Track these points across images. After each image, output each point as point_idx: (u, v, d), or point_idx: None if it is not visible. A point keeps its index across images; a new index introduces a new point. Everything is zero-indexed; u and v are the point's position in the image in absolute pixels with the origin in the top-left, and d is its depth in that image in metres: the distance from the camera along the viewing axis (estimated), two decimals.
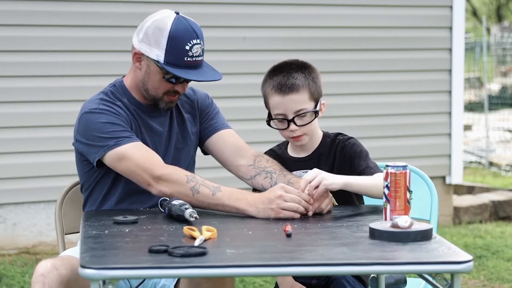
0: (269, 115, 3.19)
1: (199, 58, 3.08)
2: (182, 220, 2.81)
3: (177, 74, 3.05)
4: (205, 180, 3.01)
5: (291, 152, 3.27)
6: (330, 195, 3.01)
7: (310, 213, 2.92)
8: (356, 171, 3.11)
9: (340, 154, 3.19)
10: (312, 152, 3.22)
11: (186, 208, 2.81)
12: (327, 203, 2.97)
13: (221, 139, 3.30)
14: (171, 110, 3.24)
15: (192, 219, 2.78)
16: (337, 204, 3.13)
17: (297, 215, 2.88)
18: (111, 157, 3.04)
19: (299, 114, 3.11)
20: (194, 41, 3.05)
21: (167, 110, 3.20)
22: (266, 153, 3.30)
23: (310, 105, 3.12)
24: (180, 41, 3.03)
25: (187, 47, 3.04)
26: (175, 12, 3.12)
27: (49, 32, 5.89)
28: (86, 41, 5.97)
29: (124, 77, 3.24)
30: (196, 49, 3.06)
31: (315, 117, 3.15)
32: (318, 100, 3.16)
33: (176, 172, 3.01)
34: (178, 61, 3.04)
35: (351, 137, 3.22)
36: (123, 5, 6.06)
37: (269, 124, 3.19)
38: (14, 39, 5.82)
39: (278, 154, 3.28)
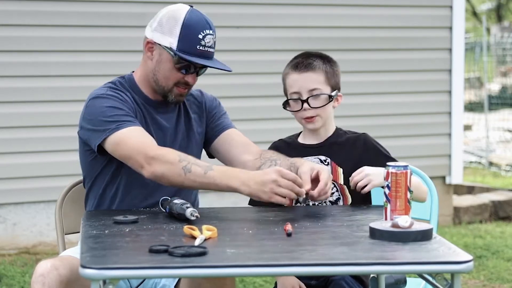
0: (286, 100, 3.25)
1: (211, 50, 3.12)
2: (183, 219, 2.81)
3: (188, 59, 3.08)
4: (198, 160, 2.98)
5: (302, 140, 3.29)
6: (329, 183, 2.98)
7: (301, 199, 2.95)
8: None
9: (355, 145, 3.22)
10: (324, 140, 3.25)
11: (187, 207, 2.81)
12: (321, 188, 2.94)
13: (229, 137, 3.31)
14: (179, 107, 3.26)
15: (193, 218, 2.79)
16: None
17: (288, 202, 2.87)
18: (110, 142, 3.04)
19: (313, 94, 3.16)
20: (207, 31, 3.10)
21: (176, 103, 3.21)
22: (275, 142, 3.32)
23: (325, 88, 3.20)
24: (193, 29, 3.08)
25: (200, 36, 3.08)
26: (190, 5, 3.17)
27: (49, 32, 5.89)
28: (86, 41, 5.97)
29: (133, 72, 3.27)
30: (209, 39, 3.11)
31: (329, 101, 3.19)
32: (335, 88, 3.23)
33: (169, 152, 2.99)
34: (191, 49, 3.08)
35: (364, 133, 3.28)
36: (123, 5, 6.06)
37: (284, 108, 3.26)
38: (14, 39, 5.82)
39: (288, 143, 3.31)
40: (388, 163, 2.71)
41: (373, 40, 6.74)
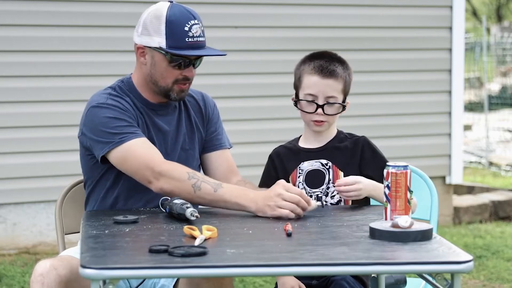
0: (296, 95, 3.23)
1: (201, 39, 3.11)
2: (183, 219, 2.81)
3: (181, 53, 3.07)
4: (206, 177, 3.03)
5: (303, 144, 3.29)
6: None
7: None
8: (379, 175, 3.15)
9: (354, 148, 3.23)
10: (325, 144, 3.26)
11: (187, 207, 2.81)
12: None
13: (221, 156, 3.34)
14: (179, 109, 3.25)
15: (193, 218, 2.79)
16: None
17: (292, 215, 2.86)
18: (116, 156, 3.05)
19: (329, 101, 3.17)
20: (192, 22, 3.08)
21: (179, 100, 3.19)
22: (276, 148, 3.32)
23: (340, 97, 3.21)
24: (178, 23, 3.07)
25: (186, 28, 3.07)
26: (169, 1, 3.15)
27: (49, 32, 5.89)
28: (86, 41, 5.97)
29: (132, 74, 3.26)
30: (196, 29, 3.08)
31: (342, 111, 3.23)
32: (346, 96, 3.25)
33: (177, 169, 3.00)
34: (180, 43, 3.07)
35: (363, 136, 3.29)
36: (123, 5, 6.06)
37: (295, 105, 3.24)
38: (14, 39, 5.82)
39: (289, 148, 3.30)
40: (388, 163, 2.72)
41: (373, 40, 6.74)
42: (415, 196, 2.94)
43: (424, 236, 2.55)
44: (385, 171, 2.70)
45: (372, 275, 3.06)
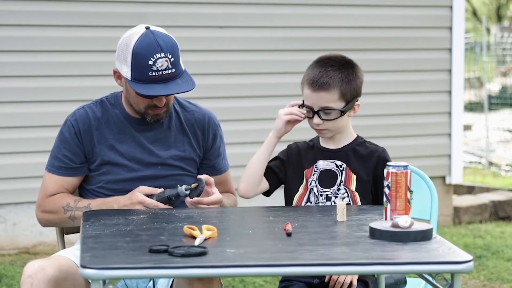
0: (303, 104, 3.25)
1: (167, 72, 3.06)
2: (177, 203, 2.96)
3: (138, 90, 3.07)
4: (78, 202, 3.16)
5: (323, 143, 3.29)
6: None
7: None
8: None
9: (371, 156, 3.22)
10: (343, 146, 3.25)
11: (179, 186, 3.00)
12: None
13: (222, 178, 3.35)
14: (170, 126, 3.25)
15: (187, 192, 2.96)
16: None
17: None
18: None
19: (325, 112, 3.16)
20: (158, 55, 3.04)
21: (155, 122, 3.21)
22: (295, 142, 3.33)
23: (338, 105, 3.16)
24: (142, 57, 3.05)
25: (150, 62, 3.04)
26: (146, 27, 3.12)
27: (49, 32, 5.89)
28: (86, 41, 5.97)
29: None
30: (161, 63, 3.05)
31: (340, 116, 3.17)
32: (350, 101, 3.18)
33: (56, 204, 3.19)
34: (143, 77, 3.06)
35: (384, 148, 3.27)
36: (123, 5, 6.06)
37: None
38: (14, 39, 5.81)
39: (308, 144, 3.30)
40: (388, 163, 2.72)
41: (373, 40, 6.74)
42: (415, 196, 2.94)
43: (424, 236, 2.55)
44: (385, 171, 2.70)
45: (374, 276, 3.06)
